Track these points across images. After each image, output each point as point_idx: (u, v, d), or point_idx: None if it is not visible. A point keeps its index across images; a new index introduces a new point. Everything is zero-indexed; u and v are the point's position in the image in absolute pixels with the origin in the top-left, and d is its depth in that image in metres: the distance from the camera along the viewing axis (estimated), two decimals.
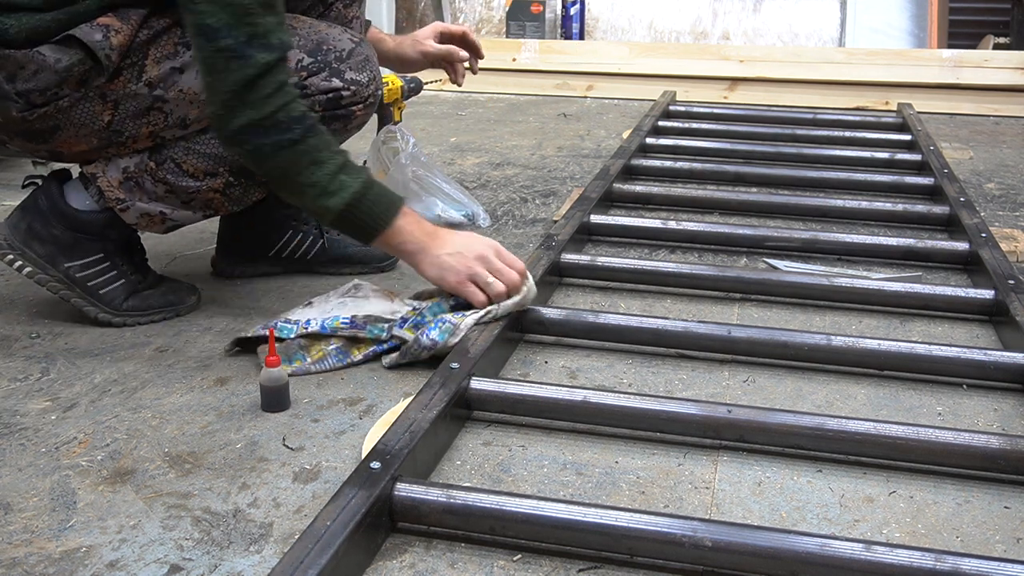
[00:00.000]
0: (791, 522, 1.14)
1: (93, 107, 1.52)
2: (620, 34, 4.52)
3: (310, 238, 1.91)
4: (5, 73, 1.46)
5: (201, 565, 1.04)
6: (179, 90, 1.53)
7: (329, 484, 1.20)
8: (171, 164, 1.59)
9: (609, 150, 3.03)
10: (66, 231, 1.61)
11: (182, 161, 1.59)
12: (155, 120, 1.55)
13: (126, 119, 1.54)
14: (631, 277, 1.86)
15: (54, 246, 1.61)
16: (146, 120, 1.55)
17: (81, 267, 1.63)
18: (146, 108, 1.53)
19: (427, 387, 1.29)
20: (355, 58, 1.62)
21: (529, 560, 1.06)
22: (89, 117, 1.52)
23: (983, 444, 1.21)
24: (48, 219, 1.61)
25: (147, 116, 1.54)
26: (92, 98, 1.51)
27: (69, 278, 1.63)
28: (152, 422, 1.35)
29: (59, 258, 1.62)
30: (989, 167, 2.89)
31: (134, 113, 1.53)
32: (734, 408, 1.28)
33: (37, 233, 1.61)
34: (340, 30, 1.65)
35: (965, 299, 1.73)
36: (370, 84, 1.65)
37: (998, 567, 0.97)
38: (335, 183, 1.42)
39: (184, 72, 1.52)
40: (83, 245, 1.62)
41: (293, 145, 1.39)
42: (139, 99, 1.52)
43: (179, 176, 1.59)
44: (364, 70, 1.63)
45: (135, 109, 1.53)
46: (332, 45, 1.61)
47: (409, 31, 4.53)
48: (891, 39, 4.12)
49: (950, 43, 4.25)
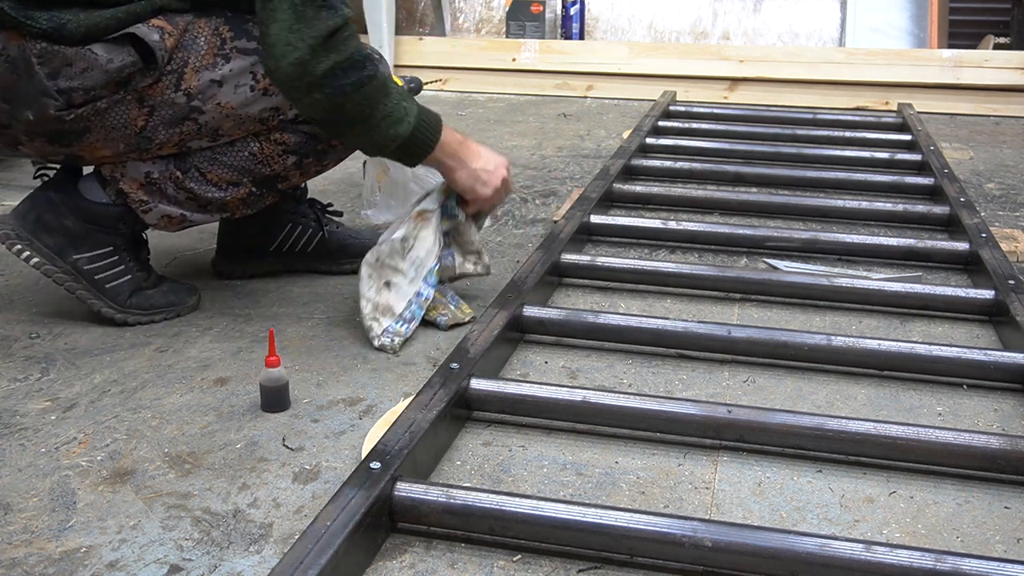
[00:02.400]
0: (791, 522, 1.14)
1: (129, 111, 1.51)
2: (620, 34, 4.52)
3: (309, 231, 1.91)
4: (49, 69, 1.45)
5: (201, 565, 1.04)
6: (216, 103, 1.53)
7: (329, 484, 1.20)
8: (195, 173, 1.60)
9: (609, 150, 3.03)
10: (78, 222, 1.61)
11: (207, 171, 1.60)
12: (187, 130, 1.55)
13: (159, 126, 1.54)
14: (631, 277, 1.86)
15: (64, 237, 1.61)
16: (178, 129, 1.55)
17: (89, 259, 1.63)
18: (181, 117, 1.53)
19: (427, 387, 1.29)
20: None
21: (529, 560, 1.06)
22: (123, 121, 1.52)
23: (983, 444, 1.21)
24: (60, 210, 1.61)
25: (180, 125, 1.54)
26: (129, 102, 1.51)
27: (76, 270, 1.62)
28: (152, 422, 1.35)
29: (68, 249, 1.61)
30: (989, 167, 2.89)
31: (168, 121, 1.53)
32: (734, 408, 1.28)
33: (47, 224, 1.61)
34: None
35: (965, 299, 1.73)
36: None
37: (998, 567, 0.97)
38: (401, 109, 1.50)
39: (223, 85, 1.53)
40: (94, 237, 1.62)
41: (371, 81, 1.44)
42: (176, 108, 1.52)
43: (203, 185, 1.61)
44: None
45: (170, 117, 1.53)
46: None
47: (409, 31, 4.55)
48: (891, 39, 4.11)
49: (950, 43, 4.24)
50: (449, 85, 4.13)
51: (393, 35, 4.17)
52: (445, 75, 4.12)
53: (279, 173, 1.64)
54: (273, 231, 1.90)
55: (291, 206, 1.90)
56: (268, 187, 1.66)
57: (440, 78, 3.94)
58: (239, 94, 1.54)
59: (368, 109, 1.46)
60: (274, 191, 1.68)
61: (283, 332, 1.66)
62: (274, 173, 1.64)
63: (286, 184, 1.68)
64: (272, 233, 1.90)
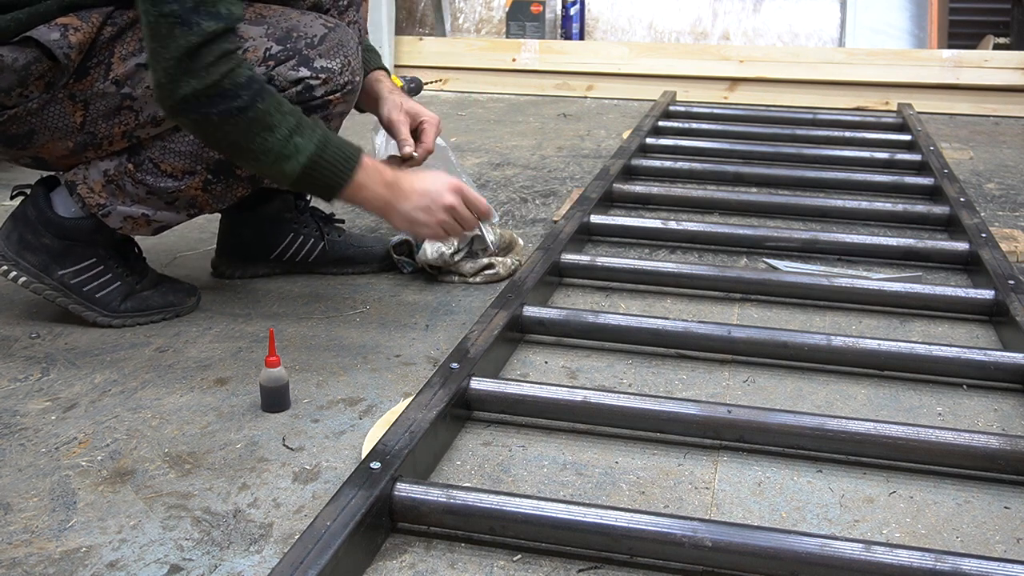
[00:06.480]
0: (791, 522, 1.14)
1: (63, 108, 1.51)
2: (620, 34, 4.52)
3: (311, 241, 1.91)
4: None
5: (201, 565, 1.04)
6: (146, 87, 1.50)
7: (329, 484, 1.20)
8: (149, 164, 1.57)
9: (609, 150, 3.03)
10: (56, 239, 1.61)
11: (160, 161, 1.57)
12: (127, 119, 1.53)
13: (98, 119, 1.53)
14: (631, 277, 1.86)
15: (46, 255, 1.61)
16: (118, 120, 1.53)
17: (74, 273, 1.62)
18: (116, 107, 1.52)
19: (427, 387, 1.29)
20: (326, 43, 1.55)
21: (529, 560, 1.06)
22: (61, 119, 1.51)
23: (983, 444, 1.21)
24: (37, 229, 1.60)
25: (118, 115, 1.53)
26: (61, 99, 1.50)
27: (64, 285, 1.62)
28: (152, 422, 1.35)
29: (52, 266, 1.61)
30: (989, 167, 2.89)
31: (105, 112, 1.52)
32: (734, 408, 1.28)
33: (28, 243, 1.61)
34: (313, 16, 1.58)
35: (965, 299, 1.73)
36: (344, 71, 1.57)
37: (998, 567, 0.97)
38: (289, 147, 1.38)
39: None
40: (74, 252, 1.62)
41: (242, 112, 1.34)
42: (108, 98, 1.51)
43: (158, 177, 1.58)
44: (336, 56, 1.56)
45: (105, 108, 1.52)
46: (303, 32, 1.54)
47: (409, 31, 4.55)
48: (891, 39, 4.11)
49: (950, 43, 4.24)
50: (449, 85, 4.13)
51: (393, 35, 4.17)
52: (445, 75, 4.12)
53: None
54: (273, 240, 1.89)
55: (293, 215, 1.89)
56: (226, 174, 1.59)
57: (440, 78, 3.94)
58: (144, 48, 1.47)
59: (242, 141, 1.37)
60: (239, 180, 1.61)
61: (283, 332, 1.66)
62: (225, 157, 1.56)
63: (247, 171, 1.59)
64: (272, 242, 1.89)
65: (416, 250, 1.87)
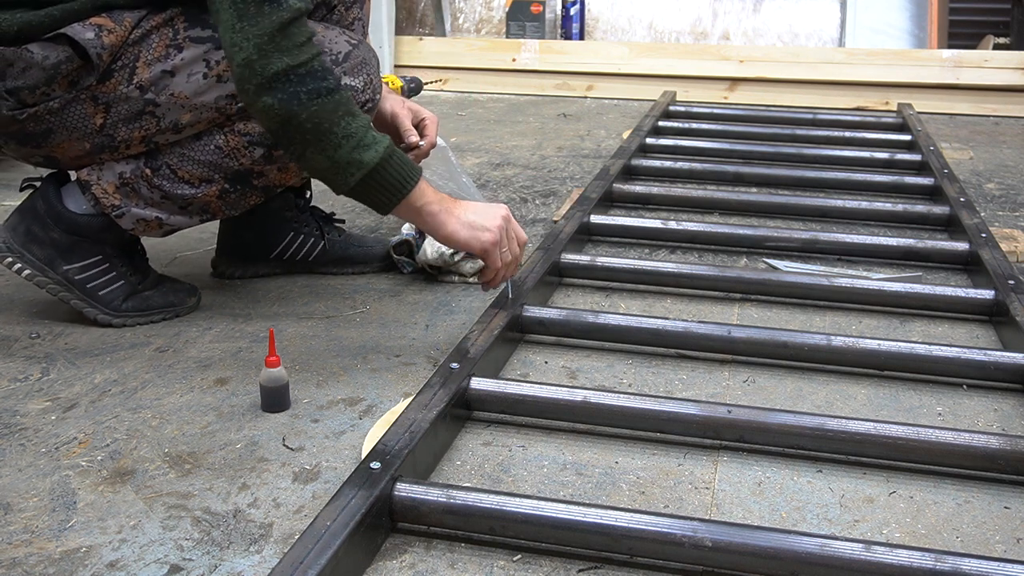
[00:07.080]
0: (791, 522, 1.14)
1: (84, 109, 1.51)
2: (620, 34, 4.52)
3: (311, 240, 1.91)
4: None
5: (201, 565, 1.04)
6: (170, 94, 1.51)
7: (329, 484, 1.20)
8: (167, 170, 1.58)
9: (609, 150, 3.03)
10: (64, 234, 1.61)
11: (177, 167, 1.58)
12: (147, 124, 1.53)
13: (118, 123, 1.53)
14: (631, 277, 1.86)
15: (53, 249, 1.61)
16: (138, 124, 1.53)
17: (80, 269, 1.63)
18: (138, 112, 1.52)
19: (427, 387, 1.29)
20: (350, 61, 1.56)
21: (529, 560, 1.06)
22: (81, 120, 1.51)
23: (983, 444, 1.21)
24: (46, 222, 1.61)
25: (139, 120, 1.53)
26: (83, 100, 1.50)
27: (68, 280, 1.62)
28: (152, 422, 1.35)
29: (58, 261, 1.61)
30: (989, 167, 2.89)
31: (126, 117, 1.52)
32: (734, 408, 1.28)
33: (36, 236, 1.61)
34: (337, 32, 1.60)
35: (965, 299, 1.73)
36: (366, 89, 1.58)
37: (998, 567, 0.97)
38: (370, 135, 1.36)
39: (175, 75, 1.51)
40: (81, 248, 1.62)
41: (330, 94, 1.32)
42: (131, 102, 1.51)
43: (175, 183, 1.58)
44: (360, 74, 1.57)
45: (127, 112, 1.52)
46: (328, 48, 1.55)
47: (409, 31, 4.54)
48: (891, 39, 4.11)
49: (950, 43, 4.24)
50: (449, 85, 4.13)
51: (393, 35, 4.17)
52: (445, 75, 4.11)
53: (249, 168, 1.58)
54: (273, 239, 1.89)
55: (293, 214, 1.89)
56: (243, 184, 1.60)
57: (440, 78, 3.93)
58: (192, 83, 1.51)
59: (327, 124, 1.33)
60: (254, 189, 1.62)
61: (283, 332, 1.66)
62: (244, 167, 1.58)
63: (264, 181, 1.61)
64: (272, 241, 1.89)
65: (416, 250, 1.87)
